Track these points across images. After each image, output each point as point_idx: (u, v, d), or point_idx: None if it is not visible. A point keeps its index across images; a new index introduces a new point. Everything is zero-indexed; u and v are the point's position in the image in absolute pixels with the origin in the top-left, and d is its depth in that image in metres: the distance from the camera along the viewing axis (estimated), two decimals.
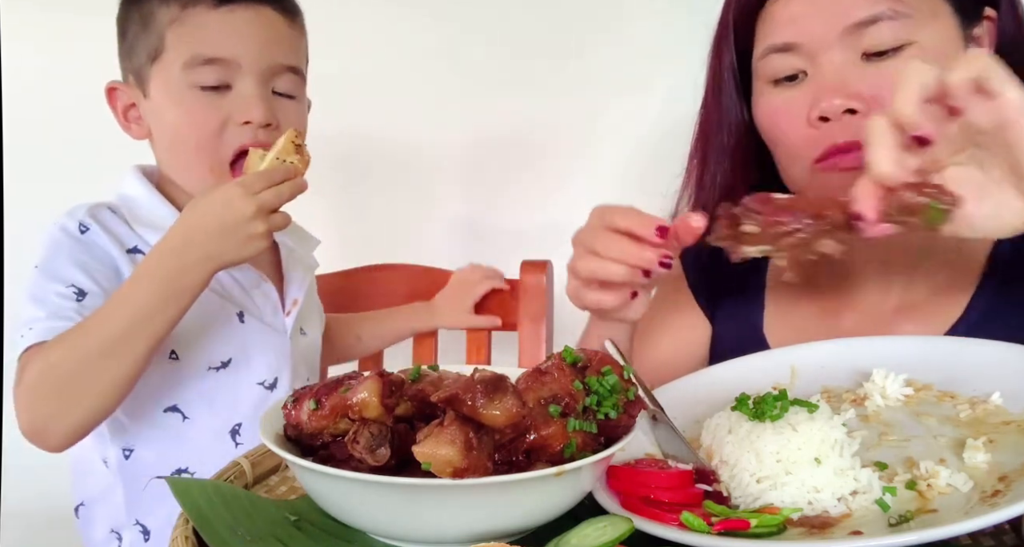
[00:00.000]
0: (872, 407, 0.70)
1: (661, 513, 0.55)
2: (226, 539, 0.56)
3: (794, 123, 0.80)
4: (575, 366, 0.58)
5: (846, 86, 0.76)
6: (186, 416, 1.02)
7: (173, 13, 0.97)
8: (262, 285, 1.08)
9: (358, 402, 0.56)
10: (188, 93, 0.97)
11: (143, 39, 0.99)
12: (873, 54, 0.77)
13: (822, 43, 0.77)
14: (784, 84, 0.82)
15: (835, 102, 0.76)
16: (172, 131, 1.01)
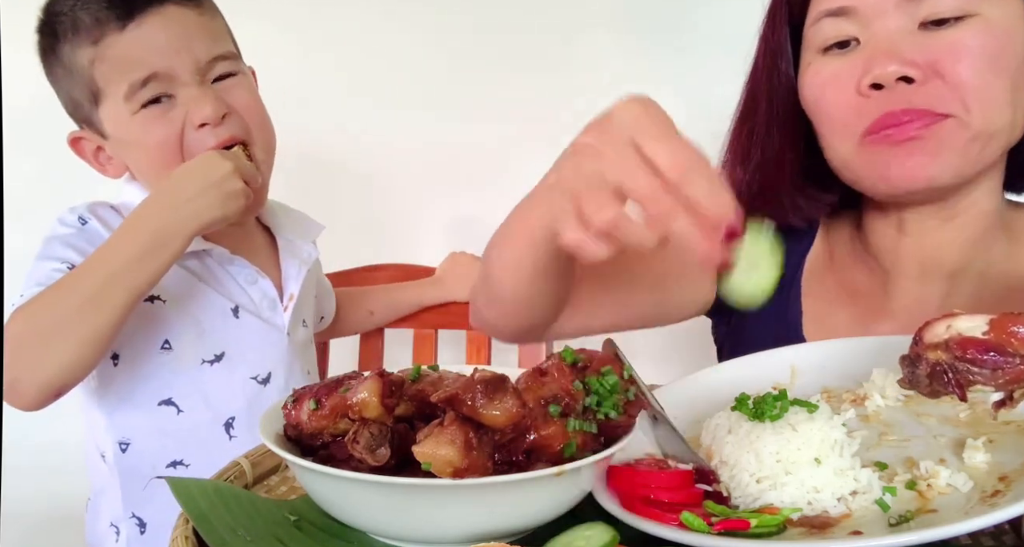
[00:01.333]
0: (872, 407, 0.70)
1: (661, 513, 0.55)
2: (226, 539, 0.56)
3: (843, 91, 0.76)
4: (575, 366, 0.58)
5: (901, 53, 0.72)
6: (180, 409, 1.03)
7: (89, 53, 0.95)
8: (259, 281, 1.08)
9: (358, 402, 0.56)
10: (137, 118, 0.97)
11: (77, 87, 0.98)
12: (932, 23, 0.72)
13: (878, 8, 0.73)
14: (834, 52, 0.77)
15: (889, 69, 0.71)
16: (140, 158, 1.01)
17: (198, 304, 1.02)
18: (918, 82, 0.72)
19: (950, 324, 0.55)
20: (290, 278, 1.13)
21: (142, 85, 0.95)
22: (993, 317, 0.54)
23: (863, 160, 0.77)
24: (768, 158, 0.86)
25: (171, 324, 1.00)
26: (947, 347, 0.54)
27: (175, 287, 1.01)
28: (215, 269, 1.05)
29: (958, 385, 0.54)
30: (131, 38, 0.95)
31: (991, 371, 0.52)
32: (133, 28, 0.95)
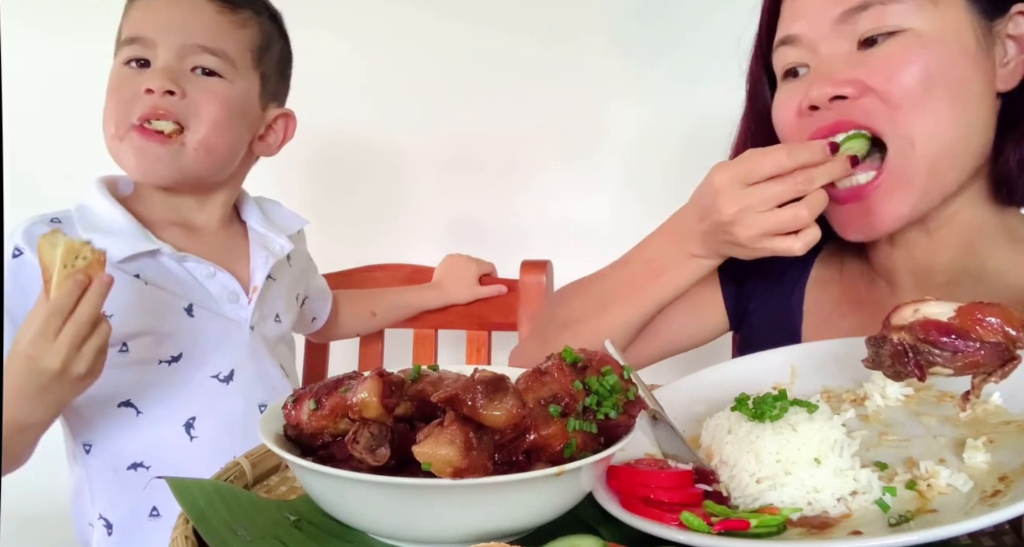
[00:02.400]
0: (872, 407, 0.70)
1: (661, 513, 0.55)
2: (226, 539, 0.56)
3: (788, 114, 0.80)
4: (575, 366, 0.58)
5: (834, 74, 0.76)
6: (139, 410, 1.01)
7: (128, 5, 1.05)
8: (217, 274, 1.06)
9: (358, 402, 0.56)
10: (118, 70, 1.02)
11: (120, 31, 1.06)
12: (866, 41, 0.76)
13: (819, 33, 0.77)
14: (790, 79, 0.82)
15: (825, 90, 0.76)
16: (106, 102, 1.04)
17: (148, 307, 1.00)
18: (851, 98, 0.75)
19: (918, 308, 0.56)
20: (256, 269, 1.11)
21: (127, 41, 1.02)
22: (962, 304, 0.55)
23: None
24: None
25: (125, 329, 0.98)
26: (911, 329, 0.55)
27: (122, 295, 0.97)
28: (168, 266, 1.03)
29: (917, 366, 0.55)
30: (142, 3, 1.04)
31: (951, 353, 0.54)
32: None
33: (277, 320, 1.15)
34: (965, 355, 0.53)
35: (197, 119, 1.01)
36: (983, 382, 0.55)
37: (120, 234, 1.00)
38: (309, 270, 1.27)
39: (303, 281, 1.24)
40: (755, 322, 0.97)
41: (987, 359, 0.53)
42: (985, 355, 0.53)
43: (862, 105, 0.75)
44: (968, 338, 0.53)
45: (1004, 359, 0.53)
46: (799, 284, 0.95)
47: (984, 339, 0.53)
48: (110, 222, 1.01)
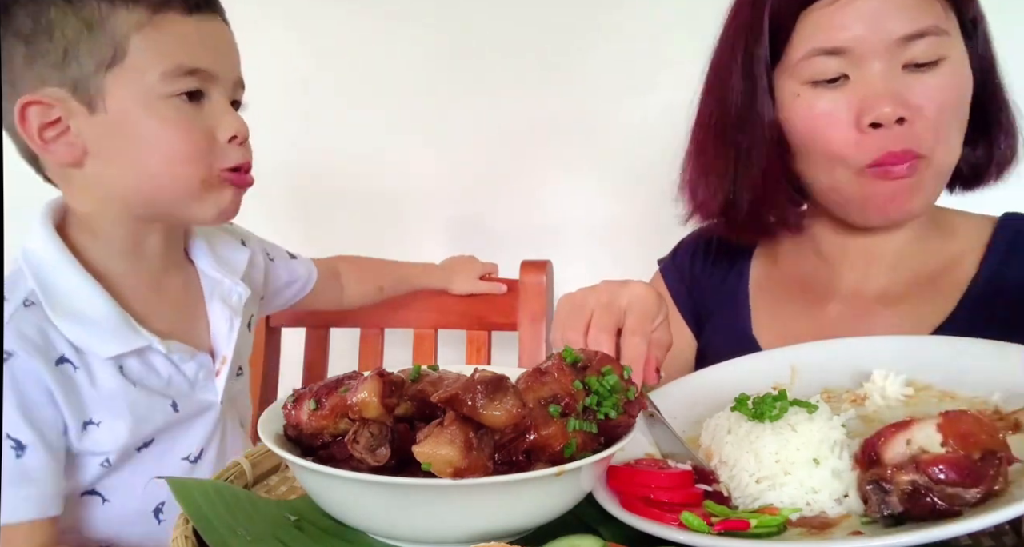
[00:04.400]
0: (872, 407, 0.70)
1: (661, 513, 0.55)
2: (226, 539, 0.56)
3: (840, 127, 0.82)
4: (575, 366, 0.58)
5: (896, 95, 0.79)
6: (106, 499, 0.92)
7: (139, 17, 0.86)
8: (196, 356, 0.97)
9: (358, 402, 0.56)
10: (166, 103, 0.88)
11: (87, 44, 0.85)
12: (913, 65, 0.79)
13: (871, 51, 0.79)
14: (824, 86, 0.82)
15: (886, 110, 0.79)
16: (148, 146, 0.89)
17: (134, 414, 0.90)
18: (908, 122, 0.79)
19: (909, 439, 0.55)
20: (219, 336, 1.01)
21: (187, 73, 0.88)
22: (940, 422, 0.54)
23: (863, 190, 0.84)
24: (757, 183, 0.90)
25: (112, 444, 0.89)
26: (919, 469, 0.52)
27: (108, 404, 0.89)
28: (151, 359, 0.93)
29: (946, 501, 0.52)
30: (193, 27, 0.89)
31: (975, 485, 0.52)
32: (197, 21, 0.89)
33: (239, 373, 1.05)
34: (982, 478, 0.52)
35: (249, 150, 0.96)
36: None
37: (103, 326, 0.89)
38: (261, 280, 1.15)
39: (254, 304, 1.13)
40: (710, 328, 1.03)
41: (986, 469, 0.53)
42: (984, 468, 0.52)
43: (915, 132, 0.80)
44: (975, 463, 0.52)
45: (996, 467, 0.53)
46: (740, 286, 1.01)
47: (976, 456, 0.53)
48: (87, 308, 0.89)
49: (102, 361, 0.89)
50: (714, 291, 1.03)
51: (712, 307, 1.03)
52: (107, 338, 0.89)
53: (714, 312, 1.02)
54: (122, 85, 0.87)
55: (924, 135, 0.80)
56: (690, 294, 1.05)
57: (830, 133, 0.83)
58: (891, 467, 0.54)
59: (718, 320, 1.02)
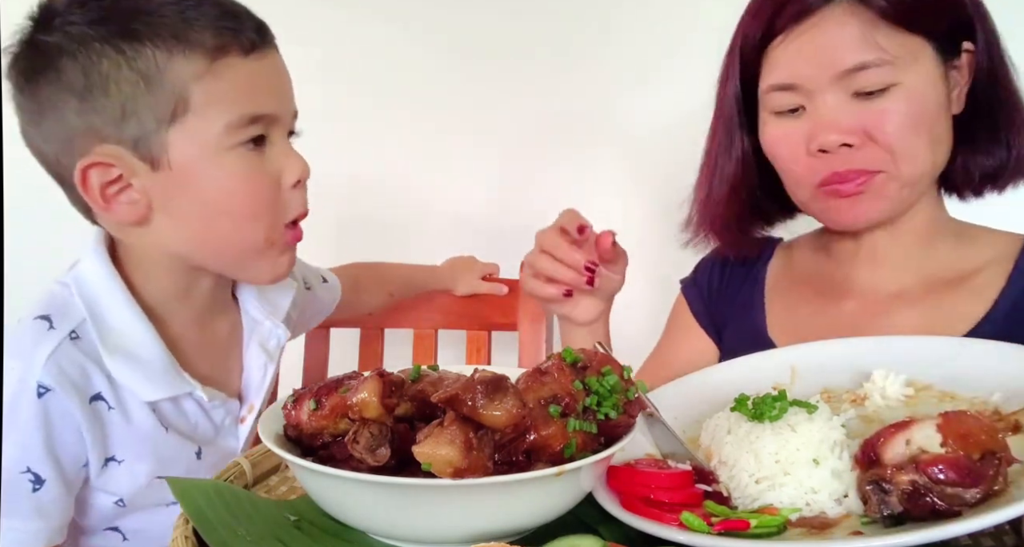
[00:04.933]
0: (872, 407, 0.70)
1: (661, 513, 0.55)
2: (226, 539, 0.56)
3: (795, 152, 0.89)
4: (575, 366, 0.58)
5: (839, 123, 0.85)
6: (126, 538, 0.92)
7: (197, 66, 0.79)
8: (227, 403, 0.94)
9: (358, 402, 0.56)
10: (231, 154, 0.82)
11: (146, 98, 0.79)
12: (863, 94, 0.84)
13: (817, 85, 0.85)
14: (786, 115, 0.89)
15: (831, 138, 0.85)
16: (217, 202, 0.84)
17: (158, 458, 0.88)
18: (856, 146, 0.85)
19: (909, 439, 0.55)
20: (252, 384, 0.98)
21: (250, 121, 0.82)
22: (939, 422, 0.54)
23: (819, 206, 0.91)
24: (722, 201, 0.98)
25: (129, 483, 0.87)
26: (918, 469, 0.52)
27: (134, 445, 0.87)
28: (182, 403, 0.91)
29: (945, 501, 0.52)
30: (252, 69, 0.83)
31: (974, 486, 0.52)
32: (255, 60, 0.83)
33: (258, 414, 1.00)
34: (985, 483, 0.52)
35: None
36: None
37: (151, 369, 0.86)
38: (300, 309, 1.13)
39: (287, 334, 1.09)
40: (728, 334, 1.07)
41: (986, 470, 0.53)
42: (984, 469, 0.52)
43: (864, 154, 0.85)
44: (975, 463, 0.52)
45: (996, 467, 0.53)
46: (757, 288, 1.05)
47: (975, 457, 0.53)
48: (139, 348, 0.86)
49: (140, 403, 0.86)
50: (731, 300, 1.07)
51: (729, 315, 1.07)
52: (154, 381, 0.86)
53: (732, 319, 1.06)
54: (186, 140, 0.81)
55: (876, 155, 0.85)
56: (708, 308, 1.10)
57: (788, 157, 0.90)
58: (891, 467, 0.54)
59: (735, 325, 1.06)
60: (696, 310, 1.11)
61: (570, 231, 0.87)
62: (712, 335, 1.08)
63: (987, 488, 0.52)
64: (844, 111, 0.85)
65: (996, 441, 0.54)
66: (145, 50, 0.78)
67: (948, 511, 0.51)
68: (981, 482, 0.52)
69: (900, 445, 0.55)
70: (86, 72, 0.79)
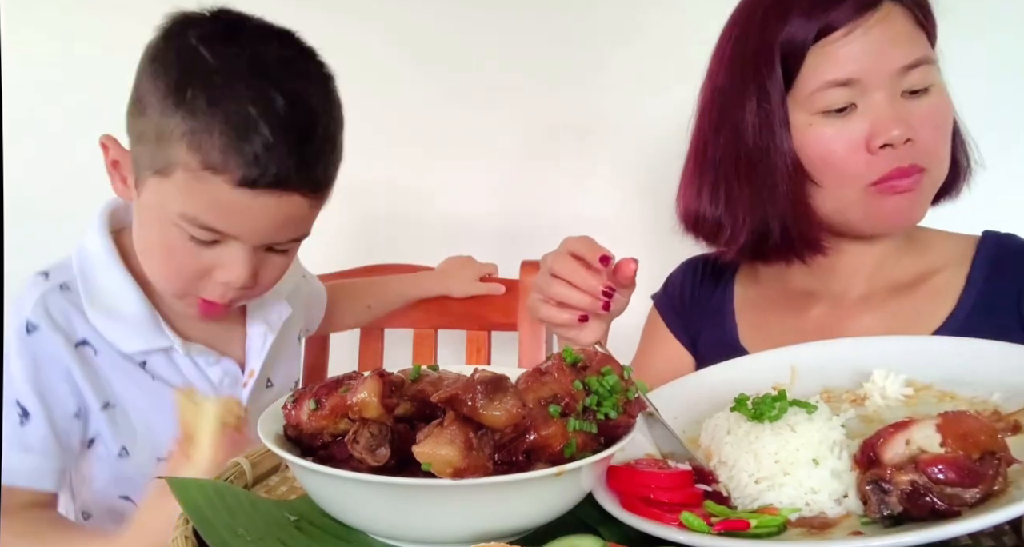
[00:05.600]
0: (872, 407, 0.70)
1: (661, 513, 0.55)
2: (226, 539, 0.56)
3: (853, 151, 0.88)
4: (575, 366, 0.58)
5: (902, 119, 0.86)
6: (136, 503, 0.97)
7: (192, 160, 0.85)
8: (221, 361, 1.02)
9: (358, 402, 0.56)
10: (176, 232, 0.89)
11: (151, 145, 0.88)
12: (910, 92, 0.87)
13: (878, 80, 0.86)
14: (834, 115, 0.88)
15: (895, 133, 0.85)
16: (148, 245, 0.93)
17: (151, 406, 0.96)
18: (912, 141, 0.86)
19: (908, 439, 0.55)
20: (253, 351, 1.06)
21: (202, 227, 0.88)
22: (939, 423, 0.54)
23: (869, 206, 0.90)
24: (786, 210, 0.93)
25: (127, 430, 0.96)
26: (918, 468, 0.52)
27: (125, 391, 0.96)
28: (175, 358, 0.99)
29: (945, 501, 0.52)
30: (235, 198, 0.86)
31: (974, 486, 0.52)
32: (244, 193, 0.85)
33: (269, 386, 1.09)
34: (982, 478, 0.52)
35: (260, 289, 0.97)
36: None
37: (132, 322, 0.95)
38: (303, 296, 1.22)
39: (301, 318, 1.19)
40: (702, 344, 1.08)
41: (986, 470, 0.53)
42: (984, 469, 0.52)
43: (919, 149, 0.87)
44: (974, 463, 0.52)
45: (995, 467, 0.53)
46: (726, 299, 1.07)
47: (975, 457, 0.53)
48: (120, 304, 0.95)
49: (124, 353, 0.94)
50: (703, 311, 1.08)
51: (702, 325, 1.08)
52: (132, 335, 0.94)
53: (704, 329, 1.08)
54: (154, 194, 0.89)
55: (924, 151, 0.87)
56: (681, 318, 1.11)
57: (844, 156, 0.88)
58: (890, 467, 0.54)
59: (708, 336, 1.07)
60: (669, 321, 1.12)
61: (590, 261, 0.82)
62: (687, 344, 1.10)
63: (987, 488, 0.52)
64: (901, 107, 0.86)
65: (996, 441, 0.54)
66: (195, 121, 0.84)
67: (948, 511, 0.51)
68: (981, 482, 0.52)
69: (900, 445, 0.55)
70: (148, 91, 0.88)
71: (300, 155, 0.86)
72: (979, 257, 0.95)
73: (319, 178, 0.90)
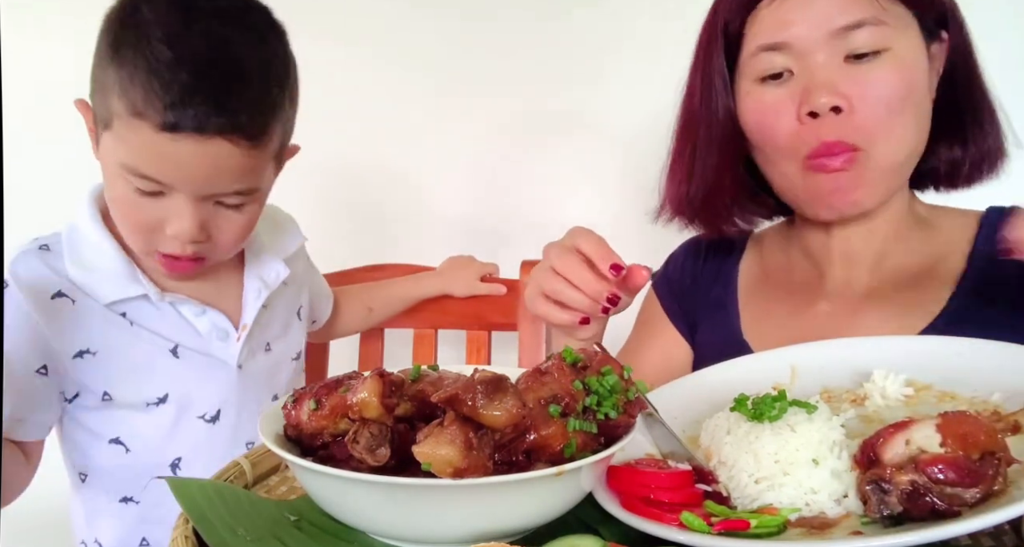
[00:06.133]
0: (872, 407, 0.70)
1: (661, 513, 0.55)
2: (226, 539, 0.56)
3: (782, 119, 0.85)
4: (575, 366, 0.58)
5: (833, 85, 0.81)
6: (128, 448, 1.01)
7: (123, 108, 0.88)
8: (207, 312, 1.03)
9: (358, 402, 0.56)
10: (122, 183, 0.91)
11: (98, 98, 0.93)
12: (855, 56, 0.81)
13: (811, 44, 0.82)
14: (770, 82, 0.86)
15: (822, 100, 0.81)
16: (110, 201, 0.96)
17: (131, 350, 0.99)
18: (844, 113, 0.81)
19: (908, 439, 0.55)
20: (247, 304, 1.08)
21: (139, 175, 0.89)
22: (939, 423, 0.54)
23: (806, 184, 0.86)
24: (708, 175, 0.95)
25: (106, 375, 0.98)
26: (918, 468, 0.52)
27: (104, 337, 0.98)
28: (157, 305, 1.01)
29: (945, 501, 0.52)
30: (159, 140, 0.87)
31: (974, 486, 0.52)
32: (167, 137, 0.87)
33: (267, 350, 1.11)
34: (982, 478, 0.52)
35: (220, 246, 0.98)
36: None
37: (108, 274, 0.98)
38: (308, 277, 1.24)
39: (303, 294, 1.21)
40: (701, 335, 1.05)
41: (985, 470, 0.52)
42: (983, 469, 0.52)
43: (853, 121, 0.82)
44: (974, 463, 0.52)
45: (995, 467, 0.53)
46: (730, 291, 1.03)
47: (975, 457, 0.53)
48: (99, 258, 0.98)
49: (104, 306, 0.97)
50: (703, 299, 1.05)
51: (703, 314, 1.05)
52: (107, 284, 0.97)
53: (705, 319, 1.04)
54: (104, 147, 0.93)
55: (862, 126, 0.81)
56: (681, 305, 1.08)
57: (775, 125, 0.85)
58: (890, 467, 0.54)
59: (709, 326, 1.04)
60: (667, 306, 1.08)
61: (599, 265, 0.78)
62: (685, 334, 1.06)
63: (987, 488, 0.52)
64: (836, 72, 0.81)
65: (995, 441, 0.54)
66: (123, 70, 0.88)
67: (948, 511, 0.51)
68: (981, 482, 0.52)
69: (900, 445, 0.55)
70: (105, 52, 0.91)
71: (222, 101, 0.87)
72: (981, 235, 0.89)
73: (244, 125, 0.89)
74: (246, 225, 0.99)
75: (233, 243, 1.00)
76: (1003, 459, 0.53)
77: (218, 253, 1.00)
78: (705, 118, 0.92)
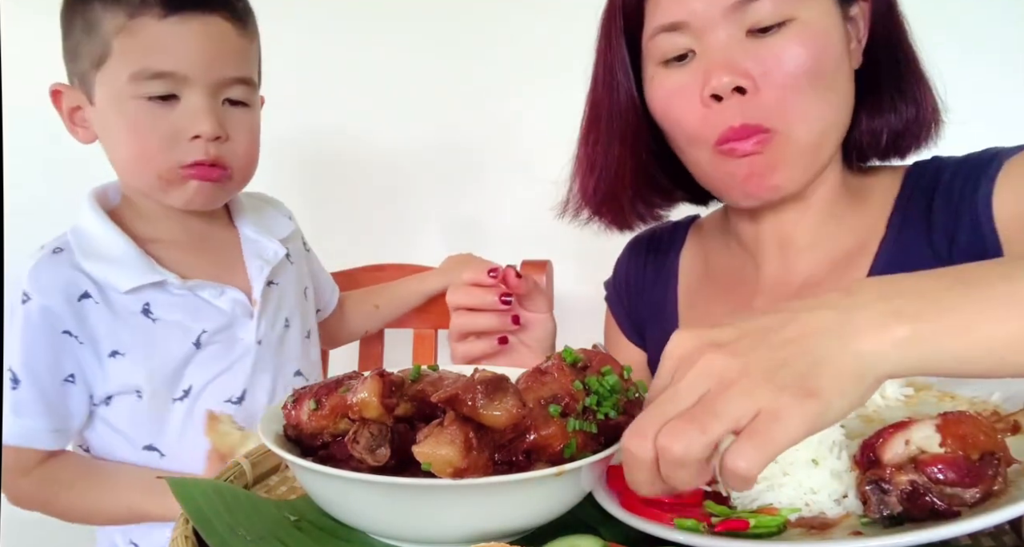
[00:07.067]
0: (872, 407, 0.70)
1: (661, 513, 0.55)
2: (226, 539, 0.56)
3: (687, 104, 0.80)
4: (575, 366, 0.58)
5: (733, 63, 0.76)
6: (163, 453, 1.04)
7: (119, 21, 0.93)
8: (227, 291, 1.06)
9: (358, 402, 0.56)
10: (133, 104, 0.95)
11: (87, 44, 0.96)
12: (757, 30, 0.76)
13: (708, 21, 0.77)
14: (674, 65, 0.81)
15: (723, 80, 0.76)
16: (117, 140, 0.99)
17: (157, 347, 1.01)
18: (750, 92, 0.76)
19: (908, 439, 0.55)
20: (253, 280, 1.11)
21: (153, 76, 0.94)
22: (938, 423, 0.54)
23: (719, 170, 0.81)
24: (610, 166, 0.90)
25: (136, 374, 1.00)
26: (918, 468, 0.52)
27: (131, 337, 1.00)
28: (177, 293, 1.03)
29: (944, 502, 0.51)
30: (166, 30, 0.94)
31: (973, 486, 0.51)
32: (173, 23, 0.94)
33: (286, 325, 1.14)
34: (981, 479, 0.52)
35: (238, 156, 1.02)
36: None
37: (123, 263, 1.00)
38: (309, 260, 1.27)
39: (305, 277, 1.23)
40: (648, 338, 1.03)
41: (985, 470, 0.53)
42: (983, 469, 0.52)
43: (759, 101, 0.77)
44: (973, 464, 0.52)
45: (995, 467, 0.53)
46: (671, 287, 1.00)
47: (974, 457, 0.53)
48: (110, 249, 1.00)
49: (123, 296, 0.99)
50: (648, 302, 1.03)
51: (647, 317, 1.03)
52: (127, 274, 0.99)
53: (650, 323, 1.03)
54: (104, 83, 0.96)
55: (770, 105, 0.77)
56: (628, 313, 1.06)
57: (681, 111, 0.81)
58: (890, 467, 0.54)
59: (653, 328, 1.02)
60: (617, 316, 1.07)
61: (480, 280, 0.80)
62: (637, 342, 1.05)
63: (986, 488, 0.52)
64: (737, 49, 0.76)
65: (995, 441, 0.54)
66: (93, 3, 0.94)
67: (947, 511, 0.51)
68: (980, 482, 0.52)
69: (899, 445, 0.55)
70: (65, 18, 0.98)
71: None
72: (901, 196, 0.84)
73: (234, 4, 0.99)
74: (253, 128, 1.04)
75: (246, 147, 1.02)
76: (1003, 459, 0.53)
77: (237, 159, 1.02)
78: (607, 106, 0.88)
